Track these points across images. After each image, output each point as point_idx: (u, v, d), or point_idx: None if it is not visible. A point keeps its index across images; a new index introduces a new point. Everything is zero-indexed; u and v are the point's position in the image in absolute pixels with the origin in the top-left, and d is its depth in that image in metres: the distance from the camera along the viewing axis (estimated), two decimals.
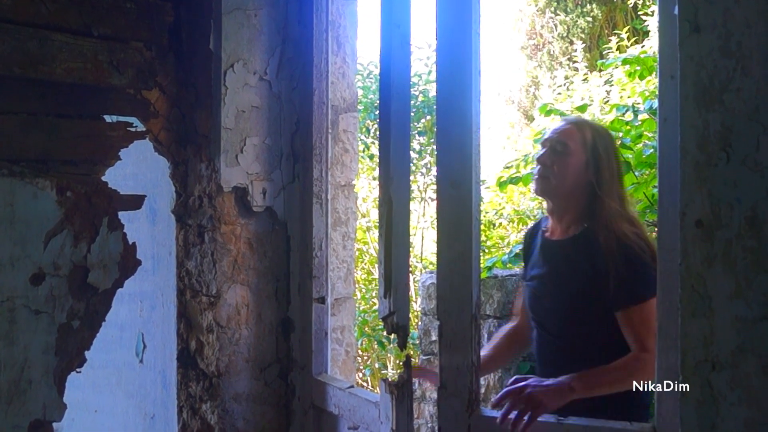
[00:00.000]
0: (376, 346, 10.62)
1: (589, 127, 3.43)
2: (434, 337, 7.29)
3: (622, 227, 3.18)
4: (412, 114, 11.73)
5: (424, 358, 7.51)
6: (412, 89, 11.62)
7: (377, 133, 11.69)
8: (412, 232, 11.90)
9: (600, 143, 3.34)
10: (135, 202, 2.98)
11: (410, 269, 4.14)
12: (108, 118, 2.95)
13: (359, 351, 10.65)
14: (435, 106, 2.84)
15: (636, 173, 5.46)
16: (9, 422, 2.64)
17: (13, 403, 2.65)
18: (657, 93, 2.36)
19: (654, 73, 6.53)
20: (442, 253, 2.79)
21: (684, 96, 2.05)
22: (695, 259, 2.06)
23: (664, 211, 2.36)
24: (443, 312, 2.78)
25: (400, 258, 2.92)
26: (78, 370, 2.84)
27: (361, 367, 10.70)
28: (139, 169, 3.32)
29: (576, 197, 3.27)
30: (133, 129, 2.99)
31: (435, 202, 2.86)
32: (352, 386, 3.19)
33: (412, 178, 11.95)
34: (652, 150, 5.26)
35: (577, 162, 3.26)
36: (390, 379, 2.94)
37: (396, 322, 2.88)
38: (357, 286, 11.17)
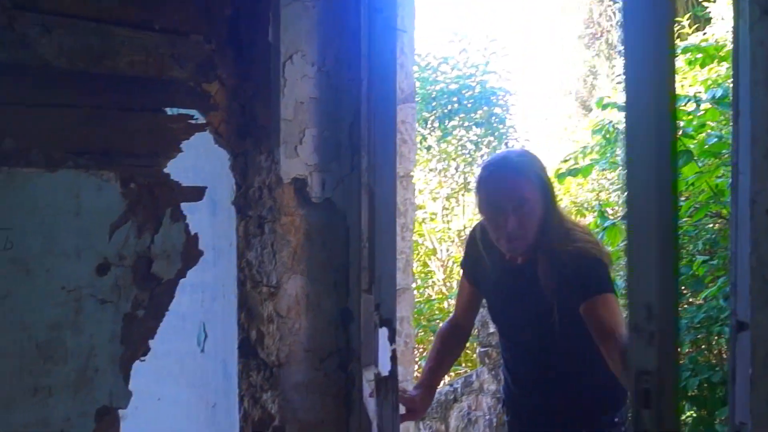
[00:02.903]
0: (431, 338, 10.64)
1: (528, 161, 3.48)
2: (492, 329, 7.29)
3: (570, 243, 3.36)
4: (469, 105, 11.72)
5: (482, 350, 7.52)
6: (469, 80, 11.64)
7: (434, 124, 11.70)
8: (468, 224, 11.92)
9: (543, 173, 3.43)
10: (196, 193, 3.02)
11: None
12: (169, 111, 2.99)
13: (415, 342, 10.69)
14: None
15: (699, 163, 5.42)
16: (77, 409, 2.70)
17: (81, 390, 2.71)
18: (732, 78, 2.30)
19: (716, 60, 6.47)
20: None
21: (754, 82, 2.02)
22: (766, 248, 2.04)
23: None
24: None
25: (384, 249, 2.91)
26: (142, 358, 2.89)
27: (417, 359, 10.72)
28: (199, 161, 3.34)
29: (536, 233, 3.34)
30: (193, 121, 3.02)
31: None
32: (373, 380, 3.16)
33: (468, 169, 11.98)
34: (716, 139, 5.22)
35: (535, 204, 3.33)
36: (376, 373, 2.91)
37: (382, 316, 2.87)
38: (413, 277, 11.19)
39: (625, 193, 1.64)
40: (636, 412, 1.55)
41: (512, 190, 3.29)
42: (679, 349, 1.56)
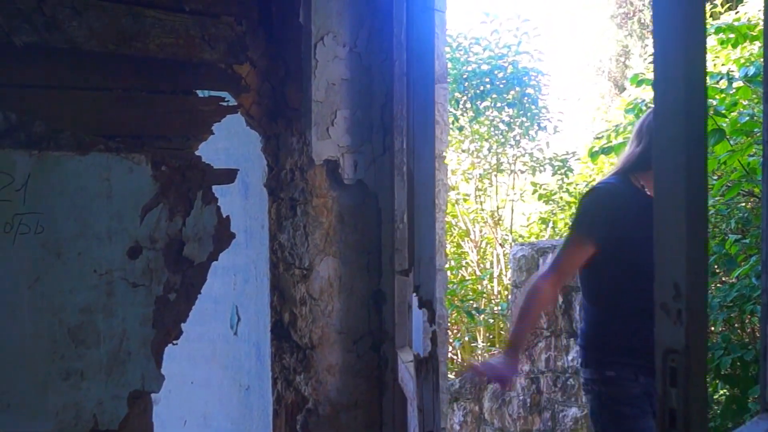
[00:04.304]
0: (465, 319, 10.62)
1: None
2: None
3: None
4: (501, 85, 11.65)
5: None
6: (501, 61, 11.56)
7: (466, 105, 11.66)
8: (501, 204, 11.88)
9: None
10: (228, 176, 3.01)
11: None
12: (200, 93, 2.98)
13: (448, 323, 10.66)
14: None
15: (731, 141, 5.35)
16: (109, 392, 2.70)
17: (113, 373, 2.71)
18: (763, 57, 2.26)
19: (748, 39, 6.39)
20: None
21: None
22: None
23: None
24: None
25: (423, 231, 2.89)
26: (174, 342, 2.89)
27: (451, 340, 10.70)
28: (231, 143, 3.34)
29: None
30: (224, 103, 3.01)
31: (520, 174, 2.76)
32: (412, 360, 3.14)
33: (501, 150, 11.93)
34: (747, 118, 5.15)
35: None
36: (416, 354, 2.89)
37: (421, 297, 2.86)
38: (446, 258, 11.16)
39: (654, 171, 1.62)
40: (663, 390, 1.54)
41: None
42: (707, 329, 1.54)
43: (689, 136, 1.52)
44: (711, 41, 7.47)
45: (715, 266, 6.08)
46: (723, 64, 7.13)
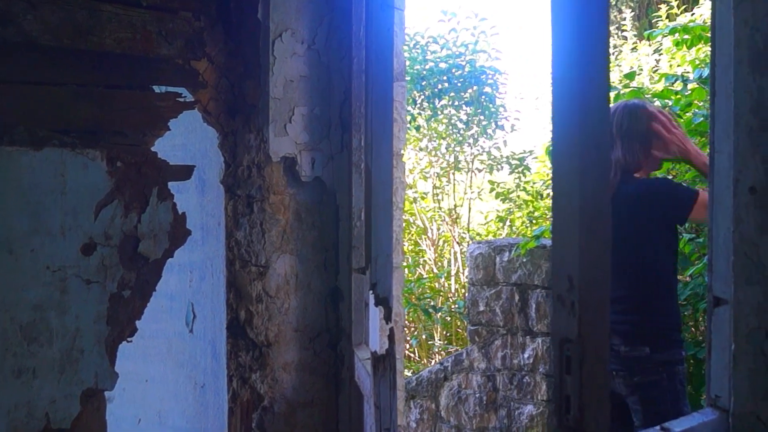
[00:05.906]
0: (422, 317, 10.64)
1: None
2: (482, 308, 7.28)
3: None
4: (459, 84, 11.69)
5: (472, 328, 7.51)
6: (458, 59, 11.58)
7: (424, 103, 11.67)
8: (458, 202, 11.90)
9: None
10: (184, 172, 2.99)
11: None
12: (157, 89, 2.96)
13: (406, 321, 10.69)
14: None
15: None
16: (62, 391, 2.68)
17: (66, 372, 2.68)
18: (709, 59, 2.28)
19: (703, 41, 6.47)
20: None
21: (738, 61, 2.01)
22: (749, 226, 2.02)
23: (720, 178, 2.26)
24: None
25: (380, 228, 2.91)
26: (129, 339, 2.87)
27: (408, 338, 10.72)
28: (188, 139, 3.32)
29: None
30: (182, 99, 2.99)
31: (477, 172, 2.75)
32: (368, 358, 3.15)
33: (458, 148, 11.96)
34: (701, 119, 5.22)
35: None
36: (373, 352, 2.90)
37: (378, 295, 2.87)
38: (404, 256, 11.18)
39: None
40: (559, 378, 1.60)
41: None
42: (606, 320, 1.59)
43: (583, 132, 1.56)
44: (667, 42, 7.54)
45: None
46: (679, 65, 7.21)
